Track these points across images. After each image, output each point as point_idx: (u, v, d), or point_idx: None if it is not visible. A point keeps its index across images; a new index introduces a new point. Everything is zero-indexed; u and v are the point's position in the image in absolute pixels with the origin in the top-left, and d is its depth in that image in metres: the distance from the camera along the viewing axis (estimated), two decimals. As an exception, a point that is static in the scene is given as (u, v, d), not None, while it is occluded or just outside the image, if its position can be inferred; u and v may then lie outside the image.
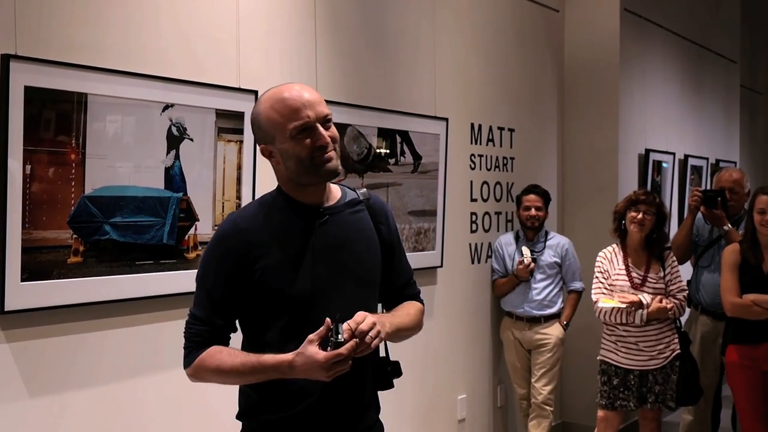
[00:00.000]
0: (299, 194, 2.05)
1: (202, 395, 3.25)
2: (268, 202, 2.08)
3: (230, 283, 2.00)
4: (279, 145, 2.00)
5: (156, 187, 3.03)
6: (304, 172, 2.00)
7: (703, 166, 7.24)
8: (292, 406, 2.00)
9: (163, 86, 3.03)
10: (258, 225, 2.02)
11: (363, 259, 2.10)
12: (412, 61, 4.39)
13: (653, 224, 4.21)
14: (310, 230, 2.03)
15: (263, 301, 2.00)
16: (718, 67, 7.69)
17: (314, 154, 1.97)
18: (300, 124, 1.96)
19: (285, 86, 2.03)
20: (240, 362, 1.95)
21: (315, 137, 1.97)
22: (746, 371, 4.08)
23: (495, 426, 5.13)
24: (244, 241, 2.00)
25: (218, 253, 2.03)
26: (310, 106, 1.98)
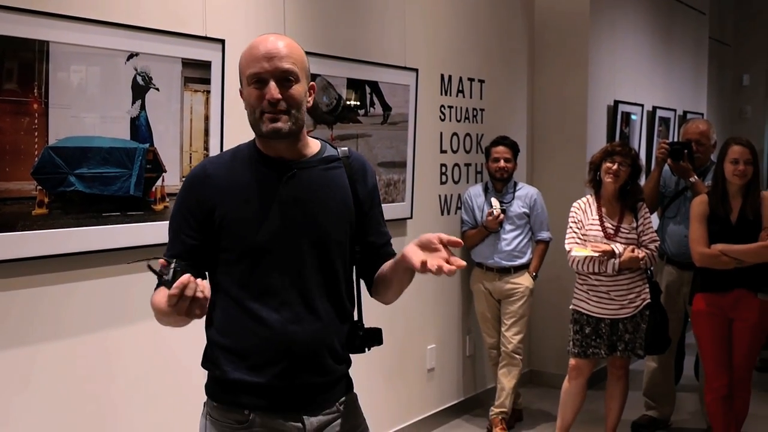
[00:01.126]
0: (265, 147, 2.04)
1: (170, 347, 3.25)
2: (241, 152, 2.07)
3: (194, 226, 2.00)
4: (243, 88, 2.01)
5: (122, 137, 2.98)
6: (254, 124, 1.99)
7: (670, 117, 7.28)
8: (246, 356, 1.99)
9: (128, 34, 2.96)
10: (225, 173, 2.02)
11: (327, 217, 2.04)
12: (382, 10, 4.33)
13: (628, 176, 4.24)
14: (274, 184, 2.01)
15: (220, 247, 2.00)
16: (687, 18, 7.69)
17: (264, 108, 1.95)
18: (253, 72, 1.95)
19: (267, 35, 2.03)
20: (157, 301, 1.92)
21: (265, 91, 1.95)
22: (713, 319, 4.15)
23: (464, 375, 5.20)
24: (209, 186, 2.00)
25: (184, 194, 2.04)
26: (268, 59, 1.95)
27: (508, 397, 4.83)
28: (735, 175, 4.05)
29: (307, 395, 2.01)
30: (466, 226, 4.96)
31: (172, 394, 3.27)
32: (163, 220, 3.13)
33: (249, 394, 1.99)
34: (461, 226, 5.00)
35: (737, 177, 4.05)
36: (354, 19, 4.12)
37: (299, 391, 2.00)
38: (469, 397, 5.24)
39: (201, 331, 3.37)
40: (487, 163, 4.94)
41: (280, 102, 1.94)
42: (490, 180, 4.94)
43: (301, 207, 2.01)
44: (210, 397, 2.06)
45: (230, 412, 2.01)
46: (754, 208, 4.05)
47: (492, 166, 4.86)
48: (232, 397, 2.00)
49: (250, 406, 1.99)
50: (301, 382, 2.00)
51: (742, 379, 4.19)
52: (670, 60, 7.35)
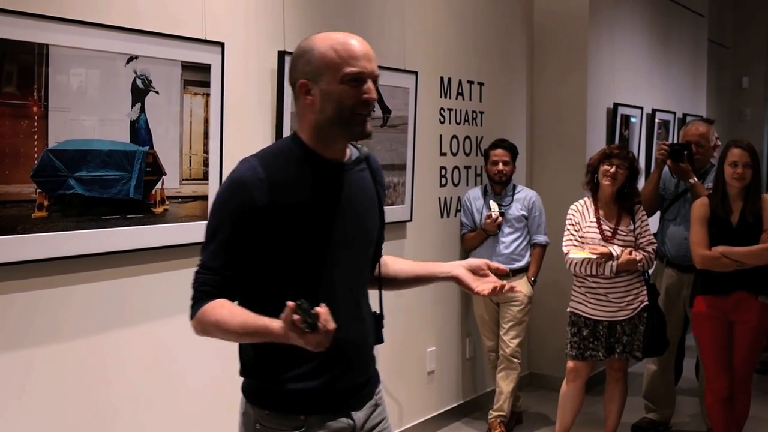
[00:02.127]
0: (321, 147, 1.98)
1: (168, 351, 3.25)
2: (285, 152, 1.99)
3: (247, 232, 1.90)
4: (325, 85, 1.92)
5: (121, 140, 2.98)
6: (337, 123, 1.94)
7: (670, 120, 7.28)
8: (299, 363, 1.96)
9: (127, 37, 2.97)
10: (280, 172, 1.93)
11: (367, 219, 2.08)
12: (380, 13, 4.34)
13: (625, 178, 4.24)
14: (332, 188, 1.98)
15: (278, 253, 1.93)
16: (686, 20, 7.70)
17: (356, 107, 1.93)
18: (356, 71, 1.92)
19: (348, 34, 1.98)
20: (238, 323, 1.86)
21: (364, 90, 1.93)
22: (714, 321, 4.15)
23: (464, 377, 5.20)
24: (263, 190, 1.90)
25: (236, 200, 1.91)
26: (368, 60, 1.95)
27: (506, 401, 4.82)
28: (734, 178, 4.06)
29: (355, 393, 2.06)
30: (465, 228, 4.96)
31: (170, 398, 3.26)
32: (162, 223, 3.14)
33: (304, 400, 1.97)
34: (460, 229, 5.00)
35: (736, 180, 4.05)
36: (353, 21, 4.12)
37: (349, 391, 2.04)
38: (469, 400, 5.23)
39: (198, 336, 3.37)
40: (486, 166, 4.94)
41: (373, 104, 1.96)
42: (489, 183, 4.94)
43: (352, 209, 2.02)
44: (258, 406, 2.01)
45: (285, 419, 1.98)
46: (755, 210, 4.05)
47: (491, 168, 4.86)
48: (287, 403, 1.98)
49: (305, 411, 1.98)
50: (352, 383, 2.04)
51: (742, 382, 4.19)
52: (669, 62, 7.36)
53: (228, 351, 3.45)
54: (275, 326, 1.78)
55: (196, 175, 3.28)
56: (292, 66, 2.00)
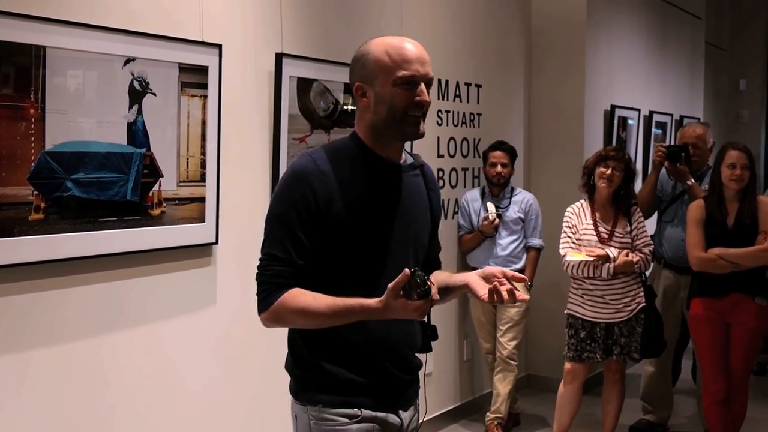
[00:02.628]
0: (378, 146, 2.06)
1: (165, 353, 3.25)
2: (342, 150, 2.06)
3: (312, 223, 1.97)
4: (378, 87, 2.00)
5: (119, 142, 2.98)
6: (391, 124, 2.01)
7: (667, 122, 7.29)
8: (350, 357, 2.02)
9: (125, 39, 2.97)
10: (338, 168, 2.00)
11: (421, 222, 2.15)
12: (378, 15, 4.34)
13: (621, 180, 4.25)
14: (388, 185, 2.06)
15: (335, 245, 1.99)
16: (683, 23, 7.71)
17: (409, 109, 1.99)
18: (408, 75, 1.98)
19: (403, 38, 2.05)
20: (326, 305, 1.93)
21: (416, 92, 1.99)
22: (711, 323, 4.16)
23: (462, 379, 5.20)
24: (325, 182, 1.97)
25: (300, 191, 1.97)
26: (421, 63, 2.01)
27: (503, 403, 4.82)
28: (732, 180, 4.06)
29: (402, 391, 2.12)
30: (462, 230, 4.97)
31: (168, 400, 3.26)
32: (160, 225, 3.14)
33: (358, 391, 2.03)
34: (458, 231, 5.00)
35: (734, 182, 4.06)
36: (351, 24, 4.13)
37: (397, 388, 2.10)
38: (467, 401, 5.24)
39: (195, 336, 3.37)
40: (484, 168, 4.94)
41: (425, 105, 2.03)
42: (488, 185, 4.94)
43: (406, 209, 2.08)
44: (311, 402, 2.05)
45: (339, 410, 2.03)
46: (751, 212, 4.06)
47: (489, 170, 4.86)
48: (342, 397, 2.03)
49: (358, 404, 2.04)
50: (398, 380, 2.10)
51: (739, 383, 4.20)
52: (667, 64, 7.37)
53: (226, 352, 3.47)
54: (371, 302, 1.89)
55: (194, 177, 3.27)
56: (351, 70, 2.07)
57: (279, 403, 3.67)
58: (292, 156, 3.69)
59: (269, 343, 3.45)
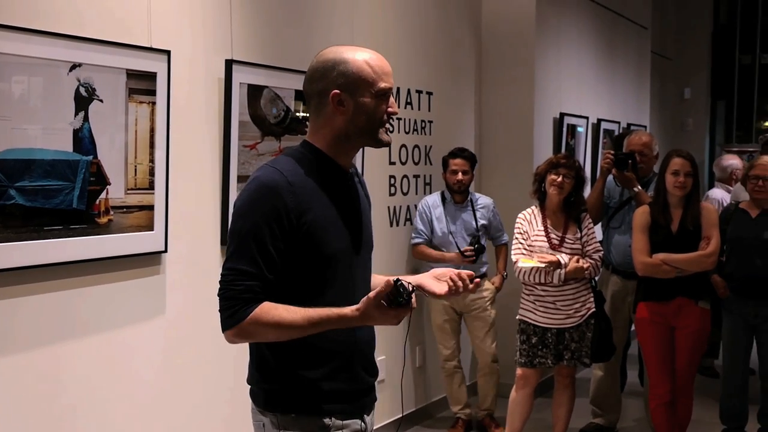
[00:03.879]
0: (339, 154, 2.10)
1: (121, 361, 3.20)
2: (301, 160, 2.06)
3: (283, 237, 1.97)
4: (359, 98, 2.04)
5: (64, 149, 2.93)
6: (367, 132, 2.07)
7: (615, 129, 7.42)
8: (321, 364, 2.03)
9: (70, 45, 2.92)
10: (301, 180, 2.02)
11: (370, 225, 2.23)
12: (329, 23, 4.34)
13: (572, 187, 4.30)
14: (342, 191, 2.10)
15: (303, 256, 2.00)
16: (630, 32, 7.86)
17: (384, 119, 2.08)
18: (387, 87, 2.07)
19: (371, 50, 2.11)
20: (301, 317, 1.94)
21: (390, 104, 2.09)
22: (656, 327, 4.24)
23: (414, 386, 5.21)
24: (295, 194, 1.98)
25: (271, 204, 1.96)
26: (391, 76, 2.10)
27: (492, 400, 5.07)
28: (675, 187, 4.15)
29: (367, 396, 2.15)
30: (419, 237, 4.91)
31: (118, 410, 3.21)
32: (107, 233, 3.09)
33: (329, 400, 2.04)
34: (412, 237, 4.97)
35: (678, 188, 4.14)
36: (301, 31, 4.12)
37: (364, 393, 2.13)
38: (419, 408, 5.25)
39: (144, 346, 3.32)
40: (444, 174, 4.95)
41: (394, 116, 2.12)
42: (448, 191, 4.96)
43: (361, 215, 2.16)
44: (281, 411, 2.04)
45: (310, 421, 2.03)
46: (694, 218, 4.14)
47: (450, 178, 4.88)
48: (315, 405, 2.03)
49: (330, 412, 2.04)
50: (367, 384, 2.14)
51: (684, 386, 4.28)
52: (614, 73, 7.50)
53: (175, 362, 3.42)
54: (347, 311, 1.94)
55: (142, 185, 3.23)
56: (322, 76, 2.05)
57: (228, 411, 3.65)
58: (242, 163, 3.67)
59: (218, 351, 3.42)
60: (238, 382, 2.30)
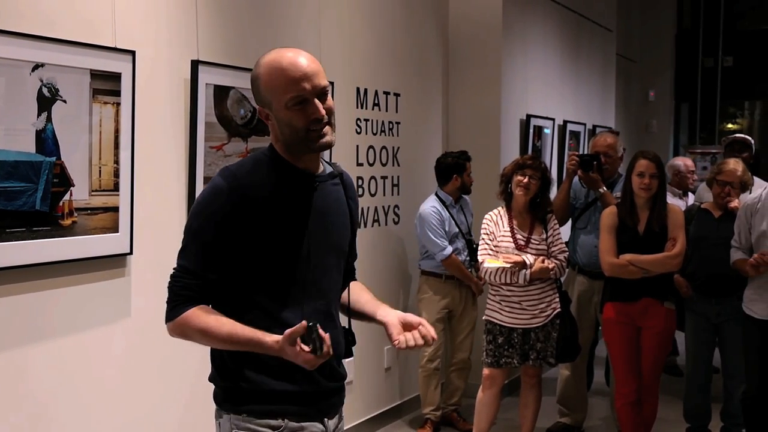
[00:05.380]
0: (294, 159, 2.06)
1: (79, 367, 3.15)
2: (263, 161, 2.06)
3: (229, 237, 1.97)
4: (275, 112, 2.01)
5: (27, 151, 2.88)
6: (298, 142, 2.01)
7: (581, 131, 7.49)
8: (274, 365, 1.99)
9: (33, 44, 2.87)
10: (256, 182, 2.00)
11: (341, 231, 2.16)
12: (296, 24, 4.33)
13: (538, 188, 4.33)
14: (304, 195, 2.06)
15: (256, 259, 1.99)
16: (595, 35, 7.93)
17: (309, 127, 1.99)
18: (294, 96, 1.97)
19: (286, 53, 2.00)
20: (226, 332, 1.94)
21: (310, 110, 1.98)
22: (622, 327, 4.28)
23: (383, 387, 5.21)
24: (244, 195, 1.97)
25: (217, 204, 1.98)
26: (307, 79, 1.97)
27: (460, 395, 5.18)
28: (641, 188, 4.19)
29: (329, 399, 2.12)
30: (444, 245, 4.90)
31: (82, 414, 3.17)
32: (71, 235, 3.05)
33: (282, 401, 2.02)
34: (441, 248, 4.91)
35: (643, 190, 4.19)
36: (268, 31, 4.10)
37: (324, 396, 2.10)
38: (388, 408, 5.25)
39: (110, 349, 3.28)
40: (462, 177, 5.05)
41: (324, 117, 2.01)
42: (452, 193, 5.03)
43: (327, 220, 2.09)
44: (234, 410, 2.04)
45: (262, 421, 2.02)
46: (660, 219, 4.19)
47: (468, 180, 5.08)
48: (266, 406, 2.02)
49: (283, 414, 2.02)
50: (326, 388, 2.09)
51: (650, 385, 4.33)
52: (580, 75, 7.56)
53: (141, 365, 3.39)
54: (268, 340, 1.90)
55: (107, 186, 3.20)
56: (252, 91, 2.07)
57: (195, 413, 3.62)
58: (209, 164, 3.64)
59: (185, 354, 3.39)
60: (201, 384, 2.28)
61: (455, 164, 5.06)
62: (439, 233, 4.93)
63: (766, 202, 4.11)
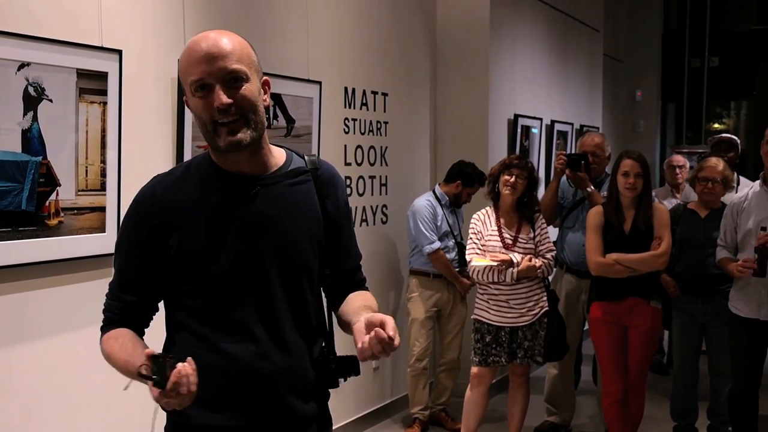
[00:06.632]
0: (222, 161, 1.80)
1: (65, 367, 3.14)
2: (194, 167, 1.84)
3: (143, 255, 1.79)
4: (188, 100, 1.77)
5: (13, 150, 2.87)
6: (208, 138, 1.76)
7: (568, 131, 7.51)
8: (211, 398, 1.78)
9: (18, 43, 2.86)
10: (179, 192, 1.79)
11: (296, 240, 1.84)
12: (284, 23, 4.32)
13: (525, 188, 4.34)
14: (236, 203, 1.79)
15: (177, 278, 1.79)
16: (582, 35, 7.96)
17: (215, 119, 1.72)
18: (194, 79, 1.71)
19: (205, 34, 1.76)
20: (123, 360, 1.75)
21: (212, 98, 1.70)
22: (609, 326, 4.29)
23: (373, 386, 5.21)
24: (160, 209, 1.77)
25: (132, 220, 1.82)
26: (210, 60, 1.70)
27: (449, 396, 5.19)
28: (626, 188, 4.21)
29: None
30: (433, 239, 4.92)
31: (67, 415, 3.15)
32: (57, 235, 3.03)
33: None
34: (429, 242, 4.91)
35: (628, 190, 4.20)
36: (256, 31, 4.09)
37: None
38: (376, 408, 5.25)
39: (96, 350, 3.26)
40: (465, 188, 5.07)
41: (231, 107, 1.71)
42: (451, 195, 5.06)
43: (266, 229, 1.80)
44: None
45: None
46: (646, 219, 4.21)
47: (466, 196, 5.11)
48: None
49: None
50: (269, 425, 1.82)
51: (636, 384, 4.34)
52: (567, 75, 7.58)
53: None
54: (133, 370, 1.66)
55: (93, 186, 3.18)
56: None
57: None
58: (196, 164, 3.63)
59: (173, 354, 3.37)
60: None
61: (467, 175, 5.08)
62: (429, 227, 4.95)
63: (752, 201, 4.14)
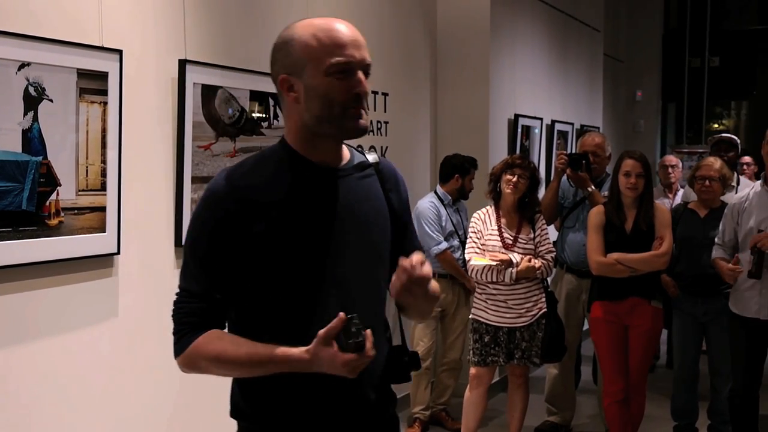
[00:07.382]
0: (309, 150, 1.76)
1: (66, 368, 3.14)
2: (268, 157, 1.78)
3: (227, 250, 1.70)
4: (308, 78, 1.71)
5: (13, 150, 2.87)
6: (327, 120, 1.71)
7: (568, 131, 7.50)
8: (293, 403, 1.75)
9: (19, 43, 2.85)
10: (256, 182, 1.73)
11: (372, 232, 1.82)
12: (284, 22, 4.29)
13: (526, 188, 4.34)
14: (318, 194, 1.75)
15: (263, 272, 1.71)
16: (583, 35, 7.95)
17: (348, 103, 1.70)
18: (342, 61, 1.70)
19: (332, 19, 1.75)
20: (245, 353, 1.66)
21: (353, 83, 1.71)
22: (610, 326, 4.29)
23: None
24: (239, 200, 1.70)
25: (209, 214, 1.72)
26: (357, 47, 1.73)
27: (450, 395, 5.18)
28: (627, 188, 4.21)
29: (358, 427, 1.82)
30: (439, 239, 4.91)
31: (69, 415, 3.15)
32: (57, 235, 3.03)
33: None
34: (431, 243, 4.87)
35: (629, 189, 4.21)
36: (256, 30, 4.09)
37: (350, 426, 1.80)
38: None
39: (97, 349, 3.27)
40: (464, 179, 5.08)
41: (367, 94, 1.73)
42: (451, 193, 5.05)
43: (349, 219, 1.78)
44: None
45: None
46: (647, 218, 4.21)
47: (468, 185, 5.12)
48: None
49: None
50: (358, 427, 1.81)
51: (637, 384, 4.34)
52: (568, 75, 7.58)
53: (128, 365, 3.37)
54: (295, 352, 1.62)
55: (94, 186, 3.18)
56: (273, 60, 1.80)
57: (184, 413, 3.61)
58: (197, 164, 3.63)
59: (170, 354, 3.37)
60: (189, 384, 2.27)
61: (460, 165, 5.08)
62: (435, 228, 4.94)
63: (753, 201, 4.14)
